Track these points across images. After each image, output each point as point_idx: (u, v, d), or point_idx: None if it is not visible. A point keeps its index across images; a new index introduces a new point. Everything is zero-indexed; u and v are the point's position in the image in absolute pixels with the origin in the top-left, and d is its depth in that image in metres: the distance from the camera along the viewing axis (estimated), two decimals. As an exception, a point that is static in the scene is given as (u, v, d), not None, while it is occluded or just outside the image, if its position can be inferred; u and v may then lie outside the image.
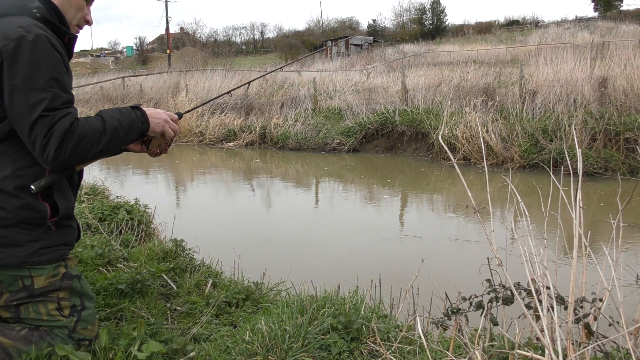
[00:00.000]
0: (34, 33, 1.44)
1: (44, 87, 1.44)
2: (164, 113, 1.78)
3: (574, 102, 8.79)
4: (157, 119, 1.73)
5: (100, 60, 48.67)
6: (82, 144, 1.49)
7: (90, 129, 1.51)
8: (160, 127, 1.74)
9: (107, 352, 1.67)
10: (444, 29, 50.10)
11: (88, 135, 1.50)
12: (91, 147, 1.52)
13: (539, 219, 4.94)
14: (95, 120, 1.56)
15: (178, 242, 3.20)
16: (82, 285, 1.70)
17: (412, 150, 10.27)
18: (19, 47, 1.42)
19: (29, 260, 1.55)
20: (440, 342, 1.94)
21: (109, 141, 1.56)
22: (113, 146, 1.59)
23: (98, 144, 1.53)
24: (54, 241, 1.61)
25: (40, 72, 1.44)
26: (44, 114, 1.43)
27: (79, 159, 1.51)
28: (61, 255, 1.64)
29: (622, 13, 41.61)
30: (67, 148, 1.46)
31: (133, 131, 1.64)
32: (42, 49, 1.45)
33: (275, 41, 56.62)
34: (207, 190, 8.26)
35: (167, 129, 1.77)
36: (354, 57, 28.43)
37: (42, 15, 1.52)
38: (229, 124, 12.49)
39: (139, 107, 1.70)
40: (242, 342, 1.85)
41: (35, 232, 1.56)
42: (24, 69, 1.42)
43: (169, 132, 1.78)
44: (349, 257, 4.62)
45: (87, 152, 1.52)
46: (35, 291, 1.58)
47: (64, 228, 1.66)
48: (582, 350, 1.38)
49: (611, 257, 1.52)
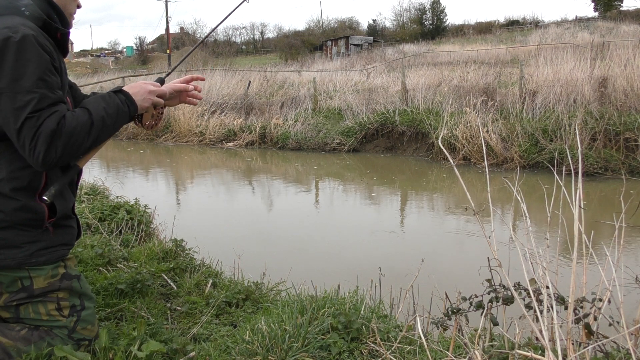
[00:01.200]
0: (20, 33, 1.41)
1: (30, 88, 1.41)
2: (145, 84, 1.73)
3: (574, 102, 8.79)
4: (142, 94, 1.69)
5: (100, 60, 48.62)
6: (72, 141, 1.47)
7: (78, 124, 1.48)
8: (148, 101, 1.71)
9: (107, 352, 1.67)
10: (444, 29, 50.07)
11: (77, 131, 1.48)
12: (82, 142, 1.50)
13: (540, 219, 4.94)
14: (82, 113, 1.52)
15: (178, 242, 3.20)
16: (81, 285, 1.69)
17: (412, 150, 10.27)
18: (5, 48, 1.40)
19: (28, 261, 1.54)
20: (440, 342, 1.94)
21: (98, 132, 1.54)
22: (103, 136, 1.57)
23: (88, 137, 1.51)
24: (53, 242, 1.60)
25: (26, 73, 1.41)
26: (30, 116, 1.41)
27: (70, 155, 1.50)
28: (60, 255, 1.63)
29: (622, 13, 41.60)
30: (57, 147, 1.44)
31: (121, 116, 1.61)
32: (29, 50, 1.42)
33: (275, 41, 56.58)
34: (207, 190, 8.26)
35: (156, 99, 1.74)
36: (354, 57, 28.43)
37: (31, 13, 1.49)
38: (229, 124, 12.47)
39: (121, 90, 1.66)
40: (242, 342, 1.85)
41: (33, 233, 1.55)
42: (10, 70, 1.40)
43: (159, 101, 1.75)
44: (349, 257, 4.62)
45: (78, 148, 1.50)
46: (35, 292, 1.58)
47: (63, 228, 1.65)
48: (582, 351, 1.38)
49: (612, 257, 1.52)
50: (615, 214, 1.67)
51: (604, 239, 3.98)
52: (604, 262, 1.57)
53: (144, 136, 13.41)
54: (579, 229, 1.45)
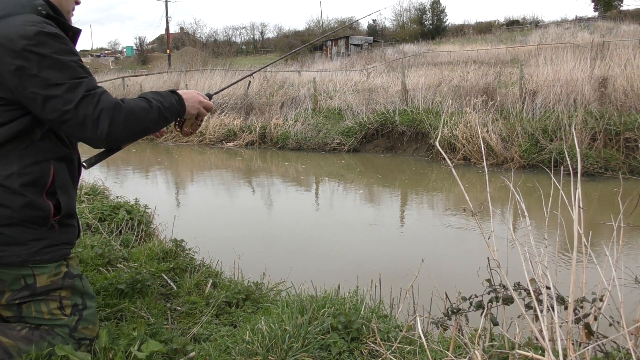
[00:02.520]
0: (48, 27, 1.46)
1: (76, 74, 1.47)
2: (198, 94, 1.88)
3: (574, 102, 8.79)
4: (193, 101, 1.83)
5: (100, 60, 48.63)
6: (132, 119, 1.55)
7: (136, 106, 1.58)
8: (196, 109, 1.85)
9: (107, 352, 1.67)
10: (444, 29, 50.09)
11: (135, 111, 1.56)
12: (140, 122, 1.58)
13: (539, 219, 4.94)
14: (139, 100, 1.64)
15: (178, 242, 3.20)
16: (83, 284, 1.70)
17: (412, 150, 10.27)
18: (40, 42, 1.43)
19: (32, 259, 1.54)
20: (440, 342, 1.94)
21: (153, 119, 1.63)
22: (157, 124, 1.67)
23: (145, 120, 1.60)
24: (57, 240, 1.61)
25: (68, 60, 1.46)
26: (87, 94, 1.46)
27: (130, 134, 1.57)
28: (63, 254, 1.64)
29: (622, 13, 41.61)
30: (119, 122, 1.51)
31: (172, 113, 1.74)
32: (61, 40, 1.47)
33: (275, 41, 56.61)
34: (207, 190, 8.26)
35: (202, 110, 1.89)
36: (354, 57, 28.44)
37: (47, 12, 1.53)
38: (229, 124, 12.48)
39: (175, 92, 1.79)
40: (242, 342, 1.85)
41: (39, 230, 1.56)
42: (53, 61, 1.44)
43: (203, 112, 1.90)
44: (349, 257, 4.62)
45: (137, 128, 1.58)
46: (38, 290, 1.58)
47: (66, 227, 1.66)
48: (582, 350, 1.38)
49: (611, 257, 1.52)
50: (615, 214, 1.67)
51: (603, 239, 3.98)
52: (603, 262, 1.57)
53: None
54: (578, 228, 1.45)
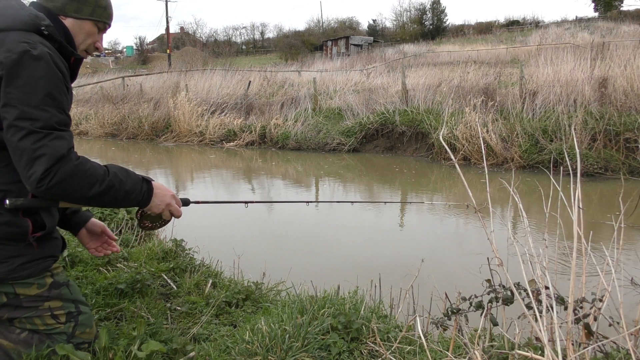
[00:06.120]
0: (38, 50, 1.42)
1: (40, 104, 1.40)
2: (172, 197, 1.73)
3: (574, 103, 8.79)
4: (161, 200, 1.69)
5: (100, 60, 48.64)
6: (74, 179, 1.43)
7: (89, 169, 1.46)
8: (160, 209, 1.71)
9: (107, 352, 1.67)
10: (444, 29, 50.15)
11: (84, 174, 1.44)
12: (81, 187, 1.44)
13: (539, 219, 4.94)
14: (99, 166, 1.50)
15: (178, 242, 3.20)
16: (71, 291, 1.68)
17: (412, 150, 10.27)
18: (21, 61, 1.40)
19: (10, 276, 1.52)
20: (440, 342, 1.94)
21: (100, 193, 1.48)
22: (103, 201, 1.51)
23: (89, 189, 1.46)
24: (36, 255, 1.58)
25: (38, 88, 1.40)
26: (37, 131, 1.38)
27: (63, 192, 1.43)
28: (45, 267, 1.61)
29: (622, 13, 41.63)
30: (56, 174, 1.39)
31: (129, 200, 1.58)
32: (44, 67, 1.42)
33: (275, 41, 56.65)
34: (207, 190, 8.26)
35: (167, 213, 1.74)
36: (354, 57, 28.44)
37: (50, 33, 1.50)
38: (229, 124, 12.48)
39: (149, 182, 1.65)
40: (242, 342, 1.85)
41: (16, 247, 1.53)
42: (23, 83, 1.40)
43: (167, 215, 1.76)
44: (349, 257, 4.62)
45: (74, 190, 1.44)
46: (23, 303, 1.57)
47: (48, 241, 1.63)
48: (582, 351, 1.38)
49: (611, 258, 1.52)
50: (615, 215, 1.67)
51: (603, 239, 3.98)
52: (603, 262, 1.57)
53: (143, 136, 13.42)
54: (578, 229, 1.45)
